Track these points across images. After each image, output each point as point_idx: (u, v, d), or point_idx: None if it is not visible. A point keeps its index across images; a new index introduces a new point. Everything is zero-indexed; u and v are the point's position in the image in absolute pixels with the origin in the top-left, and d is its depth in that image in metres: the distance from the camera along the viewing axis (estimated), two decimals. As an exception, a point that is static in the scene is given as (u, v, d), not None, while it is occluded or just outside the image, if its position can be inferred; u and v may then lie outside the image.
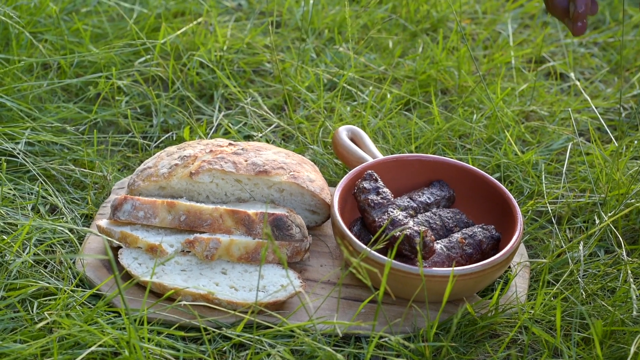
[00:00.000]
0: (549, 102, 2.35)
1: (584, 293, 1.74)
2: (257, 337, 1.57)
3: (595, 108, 2.25)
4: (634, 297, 1.66)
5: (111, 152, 2.10)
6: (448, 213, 1.82)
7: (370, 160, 1.90)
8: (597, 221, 1.91)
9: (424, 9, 2.66)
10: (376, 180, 1.78)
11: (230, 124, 2.18)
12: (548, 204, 1.96)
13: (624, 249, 1.82)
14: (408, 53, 2.52)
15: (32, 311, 1.61)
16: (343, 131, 2.00)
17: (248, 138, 2.17)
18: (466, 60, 2.40)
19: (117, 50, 2.27)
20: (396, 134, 2.15)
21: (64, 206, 1.88)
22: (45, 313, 1.59)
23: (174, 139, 2.15)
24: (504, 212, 1.80)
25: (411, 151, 2.12)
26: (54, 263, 1.73)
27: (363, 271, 1.55)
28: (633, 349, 1.56)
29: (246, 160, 1.83)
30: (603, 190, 1.99)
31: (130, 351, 1.48)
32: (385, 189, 1.77)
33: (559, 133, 2.22)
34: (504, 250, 1.68)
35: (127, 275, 1.69)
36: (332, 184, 2.03)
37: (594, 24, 2.75)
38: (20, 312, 1.59)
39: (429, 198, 1.84)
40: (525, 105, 2.31)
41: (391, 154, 2.10)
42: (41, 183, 1.91)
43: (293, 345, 1.58)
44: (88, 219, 1.90)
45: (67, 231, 1.78)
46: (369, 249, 1.64)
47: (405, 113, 2.28)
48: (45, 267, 1.73)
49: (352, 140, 2.00)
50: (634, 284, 1.71)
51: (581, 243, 1.83)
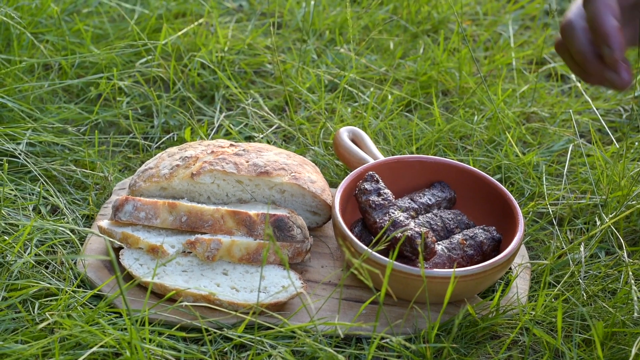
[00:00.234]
0: (550, 104, 2.35)
1: (584, 294, 1.74)
2: (258, 338, 1.57)
3: (596, 109, 2.25)
4: (635, 299, 1.66)
5: (112, 153, 2.10)
6: (449, 214, 1.82)
7: (371, 161, 1.91)
8: (598, 223, 1.91)
9: (425, 10, 2.66)
10: (377, 181, 1.78)
11: (231, 125, 2.18)
12: (549, 206, 1.96)
13: (624, 251, 1.82)
14: (409, 54, 2.52)
15: (34, 312, 1.61)
16: (344, 132, 2.00)
17: (249, 139, 2.17)
18: (467, 61, 2.40)
19: (118, 51, 2.27)
20: (397, 135, 2.15)
21: (65, 207, 1.88)
22: (46, 314, 1.59)
23: (175, 139, 2.15)
24: (505, 214, 1.80)
25: (412, 152, 2.12)
26: (55, 264, 1.73)
27: (364, 272, 1.55)
28: (634, 351, 1.56)
29: (247, 161, 1.83)
30: (604, 192, 1.99)
31: (131, 352, 1.48)
32: (387, 190, 1.77)
33: (560, 134, 2.22)
34: (505, 251, 1.69)
35: (128, 276, 1.69)
36: (333, 185, 2.03)
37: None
38: (22, 313, 1.59)
39: (430, 199, 1.84)
40: (526, 107, 2.32)
41: (392, 155, 2.10)
42: (42, 184, 1.91)
43: (294, 346, 1.58)
44: (89, 219, 1.90)
45: (69, 232, 1.78)
46: (370, 250, 1.64)
47: (406, 114, 2.28)
48: (47, 268, 1.73)
49: (353, 141, 2.00)
50: (635, 286, 1.71)
51: (582, 244, 1.83)
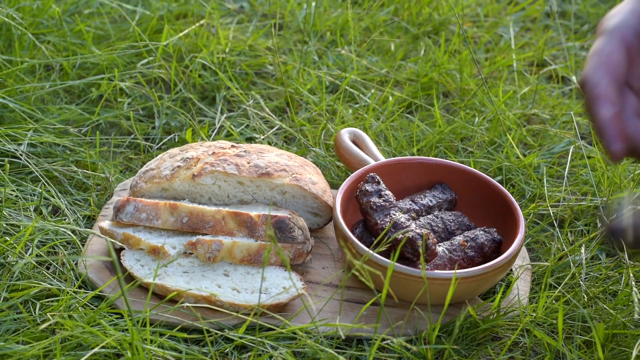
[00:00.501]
0: (551, 105, 2.36)
1: (585, 296, 1.74)
2: (260, 339, 1.57)
3: (597, 111, 2.25)
4: (636, 301, 1.66)
5: (113, 154, 2.10)
6: (450, 216, 1.82)
7: (372, 162, 1.91)
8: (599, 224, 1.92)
9: (426, 12, 2.67)
10: (378, 182, 1.78)
11: (232, 126, 2.18)
12: (550, 207, 1.96)
13: (625, 253, 1.82)
14: (410, 56, 2.52)
15: (35, 312, 1.61)
16: (345, 134, 2.00)
17: (250, 140, 2.17)
18: (468, 63, 2.41)
19: (120, 52, 2.27)
20: (398, 137, 2.16)
21: (67, 207, 1.88)
22: (47, 314, 1.59)
23: (176, 140, 2.15)
24: (506, 215, 1.80)
25: (413, 154, 2.12)
26: (57, 264, 1.73)
27: (366, 274, 1.55)
28: (635, 352, 1.56)
29: (249, 163, 1.83)
30: (605, 194, 1.99)
31: (132, 353, 1.48)
32: (388, 192, 1.77)
33: (561, 136, 2.23)
34: (506, 253, 1.69)
35: (130, 277, 1.69)
36: (334, 186, 2.03)
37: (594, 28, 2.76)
38: (23, 314, 1.59)
39: (431, 201, 1.84)
40: (527, 109, 2.32)
41: (393, 156, 2.10)
42: (44, 184, 1.91)
43: (295, 348, 1.58)
44: (90, 220, 1.90)
45: (70, 233, 1.78)
46: (371, 252, 1.64)
47: (407, 116, 2.28)
48: (48, 269, 1.73)
49: (354, 142, 2.00)
50: (636, 288, 1.71)
51: (583, 246, 1.83)
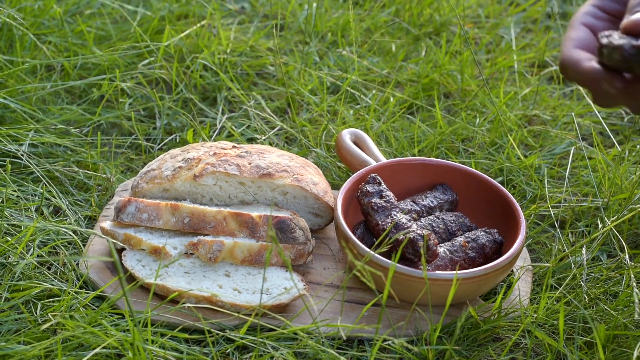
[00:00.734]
0: (552, 107, 2.36)
1: (586, 297, 1.74)
2: (261, 340, 1.57)
3: (598, 112, 2.25)
4: (637, 301, 1.66)
5: (115, 154, 2.10)
6: (451, 217, 1.82)
7: (373, 163, 1.91)
8: (600, 225, 1.91)
9: (427, 13, 2.67)
10: (379, 183, 1.78)
11: (233, 127, 2.18)
12: (551, 208, 1.96)
13: (626, 254, 1.82)
14: (411, 57, 2.52)
15: (36, 313, 1.61)
16: (346, 134, 2.01)
17: (251, 141, 2.17)
18: (469, 64, 2.41)
19: (121, 53, 2.27)
20: (399, 138, 2.16)
21: (68, 208, 1.88)
22: (49, 315, 1.59)
23: (178, 141, 2.15)
24: (507, 216, 1.80)
25: (414, 155, 2.12)
26: (58, 265, 1.73)
27: (367, 274, 1.55)
28: (636, 353, 1.56)
29: (250, 163, 1.83)
30: (606, 195, 1.99)
31: (134, 353, 1.48)
32: (389, 193, 1.77)
33: (562, 137, 2.23)
34: (507, 254, 1.69)
35: (131, 277, 1.69)
36: (336, 187, 2.03)
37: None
38: (24, 314, 1.59)
39: (432, 201, 1.84)
40: (528, 110, 2.32)
41: (394, 157, 2.10)
42: (45, 185, 1.91)
43: (296, 348, 1.58)
44: (91, 220, 1.90)
45: (71, 233, 1.78)
46: (372, 252, 1.64)
47: (408, 116, 2.28)
48: (49, 269, 1.73)
49: (356, 143, 2.00)
50: (637, 288, 1.71)
51: (584, 247, 1.83)
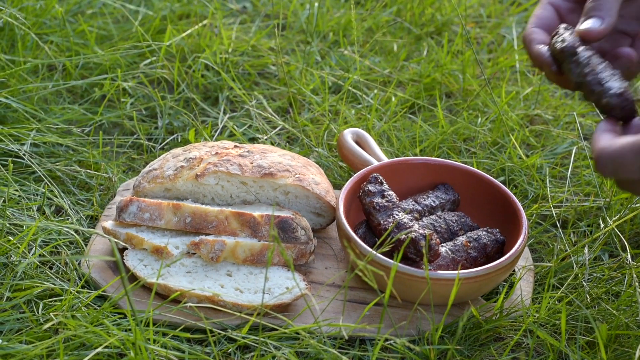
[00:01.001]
0: (554, 106, 2.36)
1: (588, 297, 1.74)
2: (263, 339, 1.57)
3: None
4: (639, 301, 1.66)
5: (116, 154, 2.10)
6: (453, 216, 1.82)
7: (375, 163, 1.91)
8: (602, 225, 1.91)
9: (429, 13, 2.67)
10: (381, 183, 1.78)
11: (235, 126, 2.18)
12: (552, 208, 1.96)
13: (628, 253, 1.82)
14: (413, 56, 2.52)
15: (38, 312, 1.61)
16: (348, 134, 2.00)
17: (253, 140, 2.17)
18: (471, 63, 2.41)
19: (123, 52, 2.27)
20: (401, 137, 2.16)
21: (70, 207, 1.88)
22: (51, 314, 1.59)
23: (179, 141, 2.15)
24: (509, 216, 1.80)
25: (416, 154, 2.12)
26: (60, 264, 1.73)
27: (369, 274, 1.55)
28: (638, 353, 1.56)
29: (252, 163, 1.83)
30: (607, 194, 1.99)
31: (135, 352, 1.48)
32: (391, 192, 1.77)
33: (564, 137, 2.23)
34: (509, 253, 1.69)
35: (133, 277, 1.69)
36: (337, 186, 2.03)
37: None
38: (26, 313, 1.59)
39: (433, 201, 1.84)
40: (530, 109, 2.32)
41: (396, 157, 2.10)
42: (47, 184, 1.91)
43: (298, 348, 1.58)
44: (93, 220, 1.90)
45: (73, 232, 1.78)
46: (374, 252, 1.64)
47: (410, 116, 2.28)
48: (51, 268, 1.73)
49: (357, 143, 2.00)
50: (639, 288, 1.71)
51: (586, 247, 1.83)
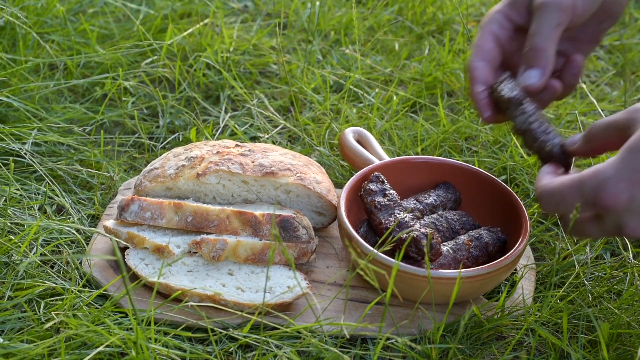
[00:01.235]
0: (555, 105, 2.35)
1: (590, 296, 1.74)
2: (264, 338, 1.57)
3: (602, 111, 2.25)
4: (641, 300, 1.66)
5: (118, 153, 2.10)
6: (454, 215, 1.82)
7: (376, 162, 1.91)
8: (604, 224, 1.91)
9: (430, 11, 2.66)
10: (383, 182, 1.78)
11: (236, 125, 2.18)
12: (554, 207, 1.96)
13: (630, 252, 1.82)
14: (414, 55, 2.52)
15: (39, 311, 1.61)
16: (349, 133, 2.00)
17: (254, 139, 2.17)
18: (472, 62, 2.40)
19: (124, 51, 2.27)
20: (402, 136, 2.15)
21: (71, 206, 1.88)
22: (52, 313, 1.59)
23: (181, 140, 2.15)
24: (510, 215, 1.80)
25: (417, 153, 2.12)
26: (61, 263, 1.73)
27: (370, 273, 1.55)
28: (639, 352, 1.56)
29: (253, 162, 1.83)
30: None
31: (137, 352, 1.48)
32: (392, 191, 1.77)
33: (565, 136, 2.22)
34: (511, 252, 1.68)
35: (134, 276, 1.69)
36: (339, 185, 2.03)
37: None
38: (28, 312, 1.59)
39: (435, 200, 1.84)
40: (532, 108, 2.31)
41: (397, 156, 2.10)
42: (48, 183, 1.91)
43: (300, 347, 1.58)
44: (95, 219, 1.90)
45: (74, 231, 1.78)
46: (375, 251, 1.64)
47: (412, 115, 2.28)
48: (52, 268, 1.73)
49: (359, 142, 2.00)
50: (641, 287, 1.71)
51: (587, 246, 1.83)
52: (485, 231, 1.77)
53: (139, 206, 1.75)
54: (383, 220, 1.72)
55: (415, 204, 1.81)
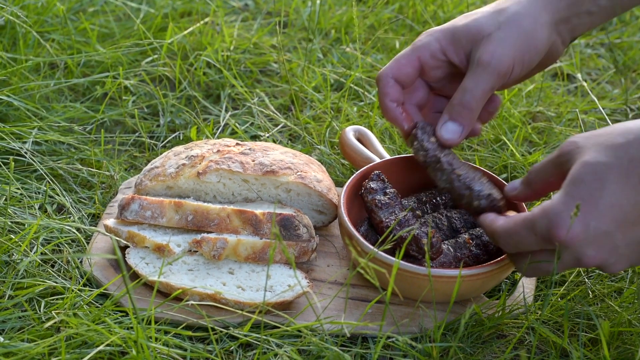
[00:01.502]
0: (556, 103, 2.35)
1: (591, 294, 1.74)
2: (265, 337, 1.57)
3: (603, 109, 2.25)
4: (642, 298, 1.66)
5: (118, 152, 2.11)
6: (455, 213, 1.82)
7: (377, 160, 1.90)
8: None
9: (431, 10, 2.66)
10: (383, 180, 1.78)
11: (237, 124, 2.18)
12: (555, 205, 1.96)
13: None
14: (415, 53, 2.52)
15: (40, 310, 1.61)
16: (350, 131, 2.00)
17: (255, 138, 2.17)
18: (473, 60, 2.40)
19: (124, 50, 2.27)
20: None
21: (71, 205, 1.88)
22: (52, 312, 1.59)
23: (181, 138, 2.15)
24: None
25: (418, 151, 2.11)
26: (62, 262, 1.73)
27: (371, 271, 1.55)
28: (641, 350, 1.56)
29: (253, 160, 1.83)
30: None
31: (137, 351, 1.48)
32: (392, 190, 1.77)
33: (566, 134, 2.22)
34: (511, 251, 1.68)
35: (134, 275, 1.69)
36: (339, 184, 2.03)
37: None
38: (28, 312, 1.59)
39: (436, 199, 1.84)
40: (532, 106, 2.31)
41: (398, 154, 2.10)
42: (48, 182, 1.91)
43: (300, 345, 1.58)
44: (95, 218, 1.90)
45: (75, 230, 1.78)
46: (376, 250, 1.63)
47: (412, 113, 2.28)
48: (53, 267, 1.73)
49: (359, 140, 2.00)
50: (642, 285, 1.71)
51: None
52: (486, 229, 1.77)
53: (140, 205, 1.75)
54: (384, 219, 1.72)
55: (415, 202, 1.81)
